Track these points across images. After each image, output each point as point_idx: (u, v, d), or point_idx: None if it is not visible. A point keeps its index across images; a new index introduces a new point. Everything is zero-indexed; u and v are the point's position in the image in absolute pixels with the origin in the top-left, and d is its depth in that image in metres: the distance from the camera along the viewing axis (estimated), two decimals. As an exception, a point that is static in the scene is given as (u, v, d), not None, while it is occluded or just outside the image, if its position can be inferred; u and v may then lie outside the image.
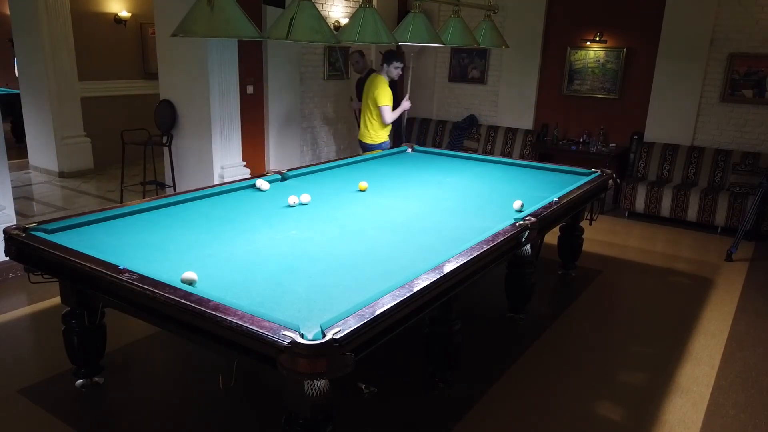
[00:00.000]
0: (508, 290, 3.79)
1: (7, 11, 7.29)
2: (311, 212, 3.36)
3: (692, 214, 6.01)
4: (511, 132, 7.41)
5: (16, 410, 2.80)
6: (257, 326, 1.88)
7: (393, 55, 5.36)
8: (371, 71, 6.04)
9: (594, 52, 6.87)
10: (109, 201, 6.41)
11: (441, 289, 2.39)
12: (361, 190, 3.85)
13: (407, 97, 5.55)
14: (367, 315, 1.98)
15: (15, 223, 4.18)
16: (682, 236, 5.95)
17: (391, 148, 5.48)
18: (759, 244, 5.64)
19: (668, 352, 3.57)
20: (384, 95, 5.25)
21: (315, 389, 1.88)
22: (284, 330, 1.85)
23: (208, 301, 2.04)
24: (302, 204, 3.45)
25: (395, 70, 5.35)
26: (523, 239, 3.05)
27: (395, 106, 5.42)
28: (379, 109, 5.28)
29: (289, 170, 4.20)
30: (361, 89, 5.90)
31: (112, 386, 3.00)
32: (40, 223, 2.85)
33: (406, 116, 6.06)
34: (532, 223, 3.10)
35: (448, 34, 4.11)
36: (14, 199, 4.77)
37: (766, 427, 2.88)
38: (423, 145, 7.18)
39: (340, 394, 2.09)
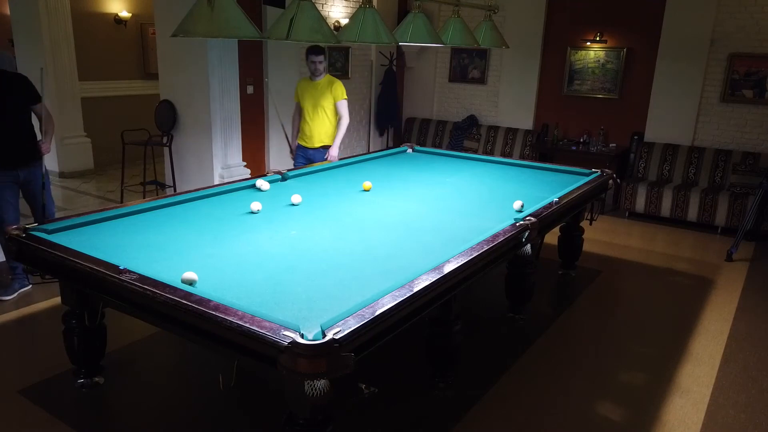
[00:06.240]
0: (508, 290, 3.79)
1: (7, 11, 7.28)
2: (311, 212, 3.36)
3: (692, 214, 6.01)
4: (511, 132, 7.40)
5: (16, 410, 2.80)
6: (257, 326, 1.88)
7: None
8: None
9: (594, 52, 6.87)
10: (110, 201, 6.41)
11: (441, 289, 2.39)
12: (365, 190, 3.85)
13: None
14: (368, 315, 1.97)
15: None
16: (683, 236, 5.95)
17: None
18: (759, 244, 5.64)
19: (668, 352, 3.57)
20: None
21: (315, 389, 1.88)
22: (284, 330, 1.85)
23: (208, 301, 2.04)
24: (293, 205, 3.45)
25: None
26: (524, 239, 3.05)
27: None
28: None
29: (289, 170, 4.20)
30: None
31: (112, 386, 3.00)
32: (40, 223, 2.85)
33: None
34: (532, 224, 3.10)
35: (448, 34, 4.11)
36: (14, 199, 4.76)
37: (766, 427, 2.87)
38: (423, 145, 7.19)
39: (340, 394, 2.09)
